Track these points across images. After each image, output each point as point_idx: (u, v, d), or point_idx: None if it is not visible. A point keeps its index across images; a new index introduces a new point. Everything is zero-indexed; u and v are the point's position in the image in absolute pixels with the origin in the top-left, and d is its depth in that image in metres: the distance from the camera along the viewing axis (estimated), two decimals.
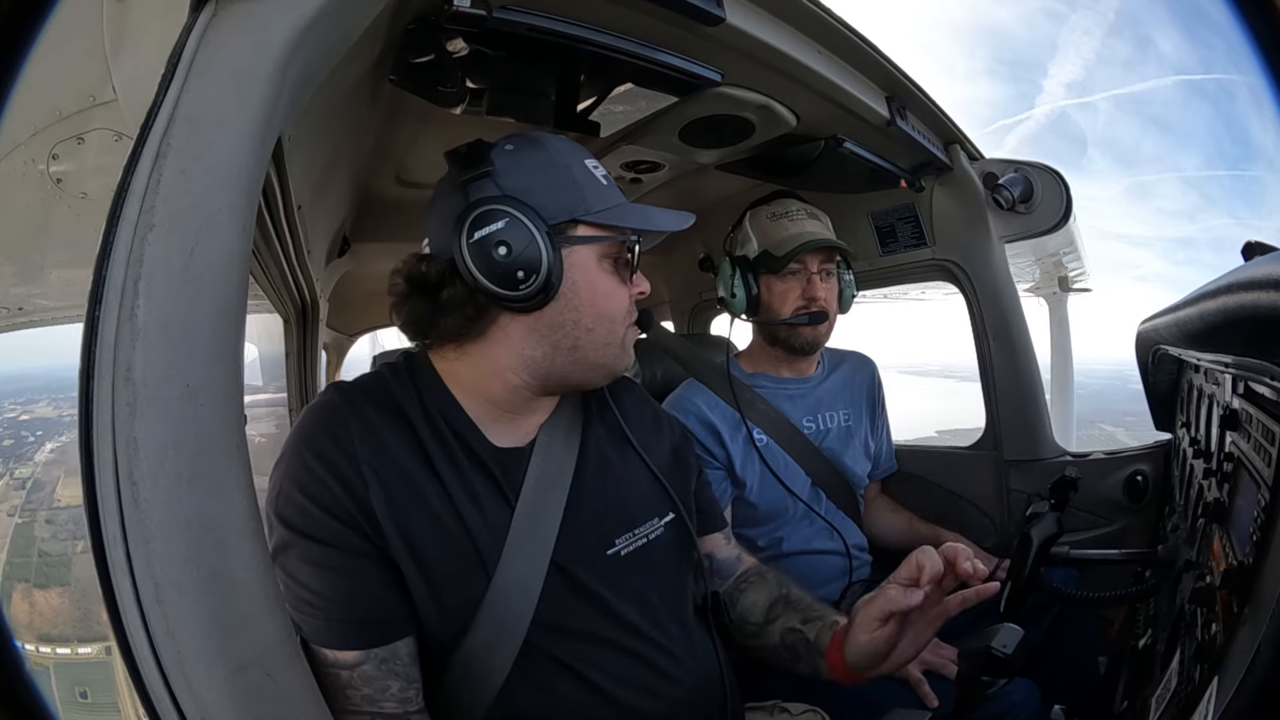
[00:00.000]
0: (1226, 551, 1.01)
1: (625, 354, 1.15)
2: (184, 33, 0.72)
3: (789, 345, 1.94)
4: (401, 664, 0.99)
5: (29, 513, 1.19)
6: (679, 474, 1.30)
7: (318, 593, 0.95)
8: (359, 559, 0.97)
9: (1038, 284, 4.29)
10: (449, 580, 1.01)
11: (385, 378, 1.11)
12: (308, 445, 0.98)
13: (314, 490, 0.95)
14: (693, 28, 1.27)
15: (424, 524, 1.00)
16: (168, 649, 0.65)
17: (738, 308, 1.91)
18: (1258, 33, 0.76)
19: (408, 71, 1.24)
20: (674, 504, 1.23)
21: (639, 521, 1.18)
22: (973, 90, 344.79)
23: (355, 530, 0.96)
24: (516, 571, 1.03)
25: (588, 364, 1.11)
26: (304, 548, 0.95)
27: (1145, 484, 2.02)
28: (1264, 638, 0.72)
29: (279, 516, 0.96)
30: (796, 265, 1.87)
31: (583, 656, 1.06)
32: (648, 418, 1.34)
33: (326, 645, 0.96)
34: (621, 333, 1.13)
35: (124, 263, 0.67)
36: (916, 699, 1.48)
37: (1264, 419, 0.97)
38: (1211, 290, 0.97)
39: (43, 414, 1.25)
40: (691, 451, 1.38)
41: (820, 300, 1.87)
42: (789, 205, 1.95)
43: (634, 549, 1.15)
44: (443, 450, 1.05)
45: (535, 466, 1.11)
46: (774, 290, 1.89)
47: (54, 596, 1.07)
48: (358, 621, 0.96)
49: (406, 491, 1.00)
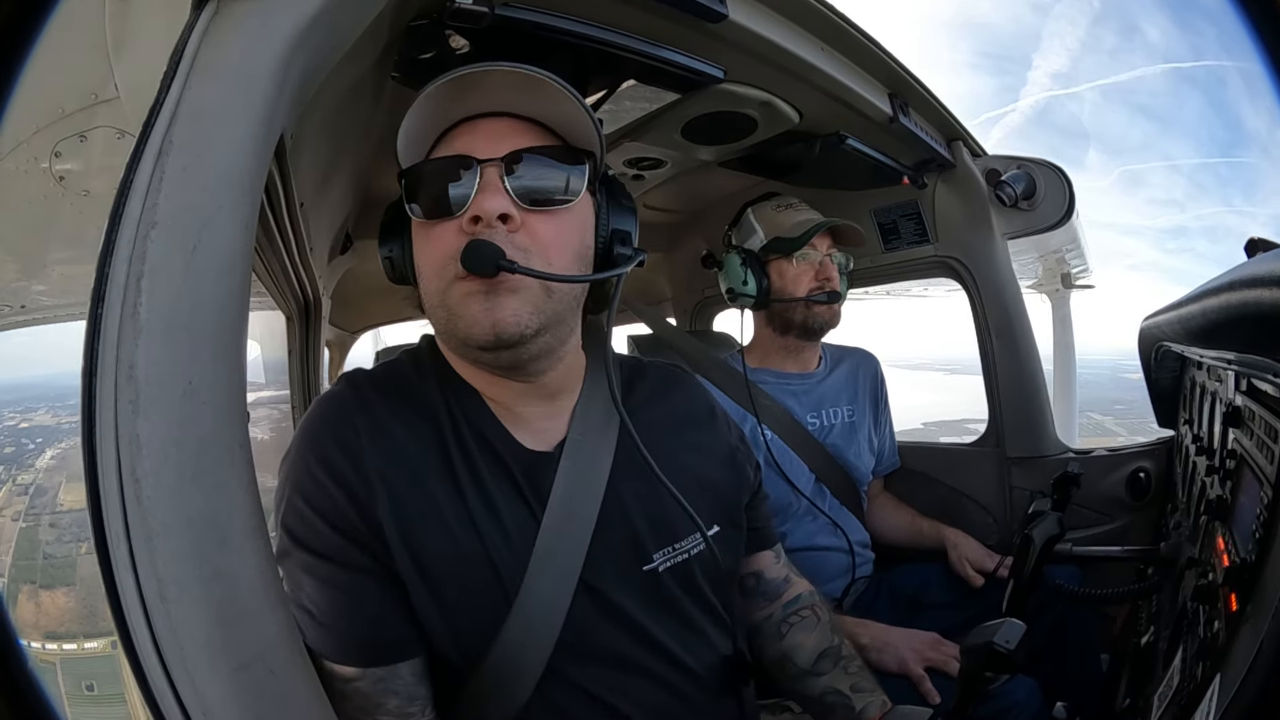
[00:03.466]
0: (1229, 549, 1.01)
1: (454, 314, 0.93)
2: (186, 30, 0.72)
3: (806, 327, 1.95)
4: (402, 683, 0.93)
5: (33, 517, 1.20)
6: (732, 481, 1.18)
7: (318, 605, 0.90)
8: (360, 576, 0.91)
9: (1040, 281, 4.28)
10: (463, 603, 0.93)
11: (406, 366, 1.05)
12: (312, 448, 0.92)
13: (317, 500, 0.90)
14: (696, 25, 1.27)
15: (436, 540, 0.92)
16: (171, 646, 0.65)
17: (749, 298, 1.93)
18: (1251, 14, 0.76)
19: (410, 69, 1.24)
20: (720, 515, 1.11)
21: (682, 535, 1.06)
22: (957, 83, 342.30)
23: (358, 545, 0.90)
24: (540, 594, 0.94)
25: (444, 335, 0.99)
26: (306, 560, 0.90)
27: (1148, 481, 2.02)
28: (1266, 635, 0.72)
29: (283, 524, 0.91)
30: (809, 249, 1.90)
31: (612, 685, 0.97)
32: (701, 415, 1.22)
33: (324, 656, 0.90)
34: (435, 287, 0.94)
35: (126, 260, 0.67)
36: (918, 696, 1.48)
37: (1267, 416, 0.97)
38: (1214, 287, 0.96)
39: (42, 421, 1.26)
40: (750, 459, 1.24)
41: (834, 281, 1.91)
42: (790, 198, 1.99)
43: (674, 564, 1.05)
44: (462, 452, 0.97)
45: (565, 470, 1.00)
46: (786, 275, 1.92)
47: (60, 596, 1.07)
48: (355, 642, 0.91)
49: (418, 501, 0.93)
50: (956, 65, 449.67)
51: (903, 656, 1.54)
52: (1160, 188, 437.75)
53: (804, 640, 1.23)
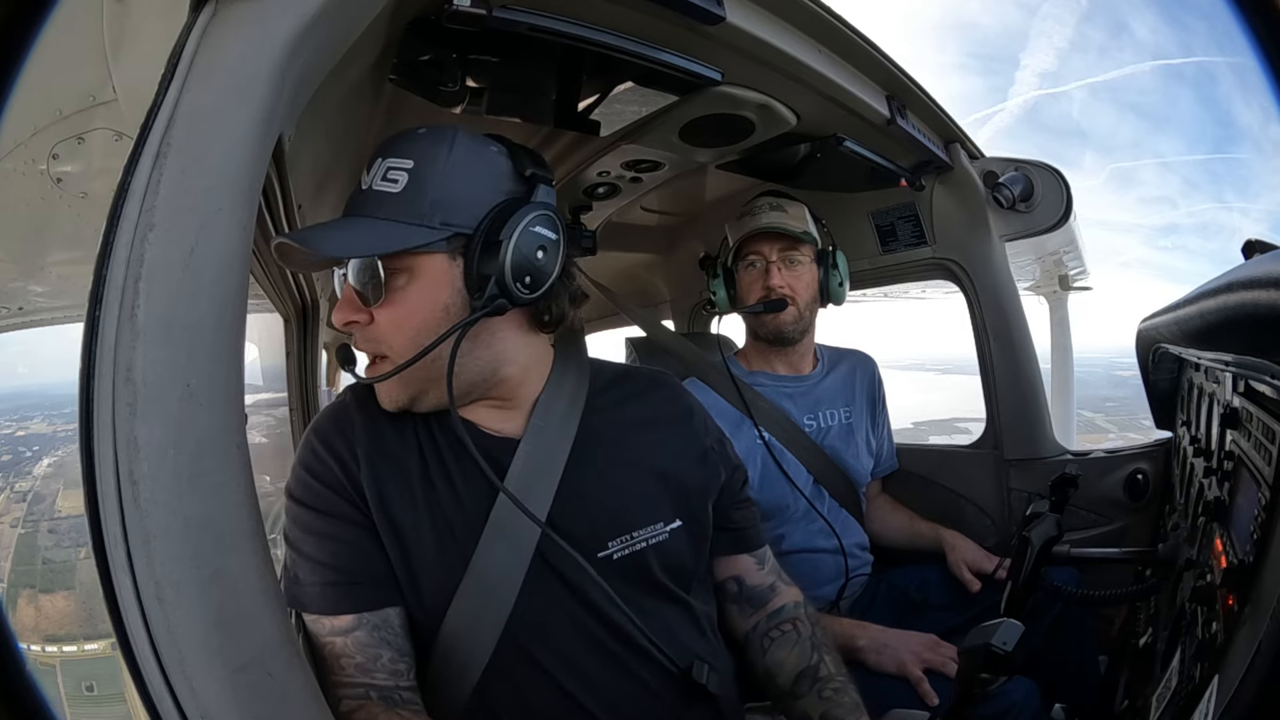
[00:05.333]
0: (1227, 550, 1.01)
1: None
2: (184, 32, 0.72)
3: (759, 335, 2.00)
4: (393, 633, 1.03)
5: (31, 523, 1.20)
6: (701, 479, 1.22)
7: (316, 559, 1.02)
8: (351, 526, 1.04)
9: (1038, 282, 4.29)
10: (426, 558, 1.04)
11: None
12: (316, 435, 1.08)
13: (315, 467, 1.05)
14: (693, 27, 1.27)
15: (403, 504, 1.05)
16: (168, 648, 0.65)
17: (720, 306, 2.01)
18: (1244, 8, 0.76)
19: (408, 71, 1.24)
20: (682, 510, 1.16)
21: (638, 524, 1.13)
22: (944, 85, 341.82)
23: (347, 500, 1.04)
24: (495, 559, 1.04)
25: None
26: (304, 517, 1.04)
27: (1146, 483, 2.02)
28: (1264, 637, 0.72)
29: (287, 493, 1.06)
30: (755, 256, 1.94)
31: (565, 662, 1.05)
32: (677, 415, 1.27)
33: (324, 611, 1.02)
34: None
35: (124, 262, 0.67)
36: (916, 697, 1.48)
37: (1264, 418, 0.97)
38: (1211, 289, 0.97)
39: (38, 430, 1.27)
40: (726, 461, 1.28)
41: (777, 288, 1.91)
42: (759, 202, 1.99)
43: (628, 554, 1.11)
44: (431, 441, 1.10)
45: (524, 454, 1.09)
46: (741, 283, 1.99)
47: (59, 600, 1.08)
48: (350, 584, 1.02)
49: (393, 475, 1.06)
50: (944, 66, 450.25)
51: (901, 658, 1.54)
52: (1151, 185, 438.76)
53: (784, 658, 1.24)
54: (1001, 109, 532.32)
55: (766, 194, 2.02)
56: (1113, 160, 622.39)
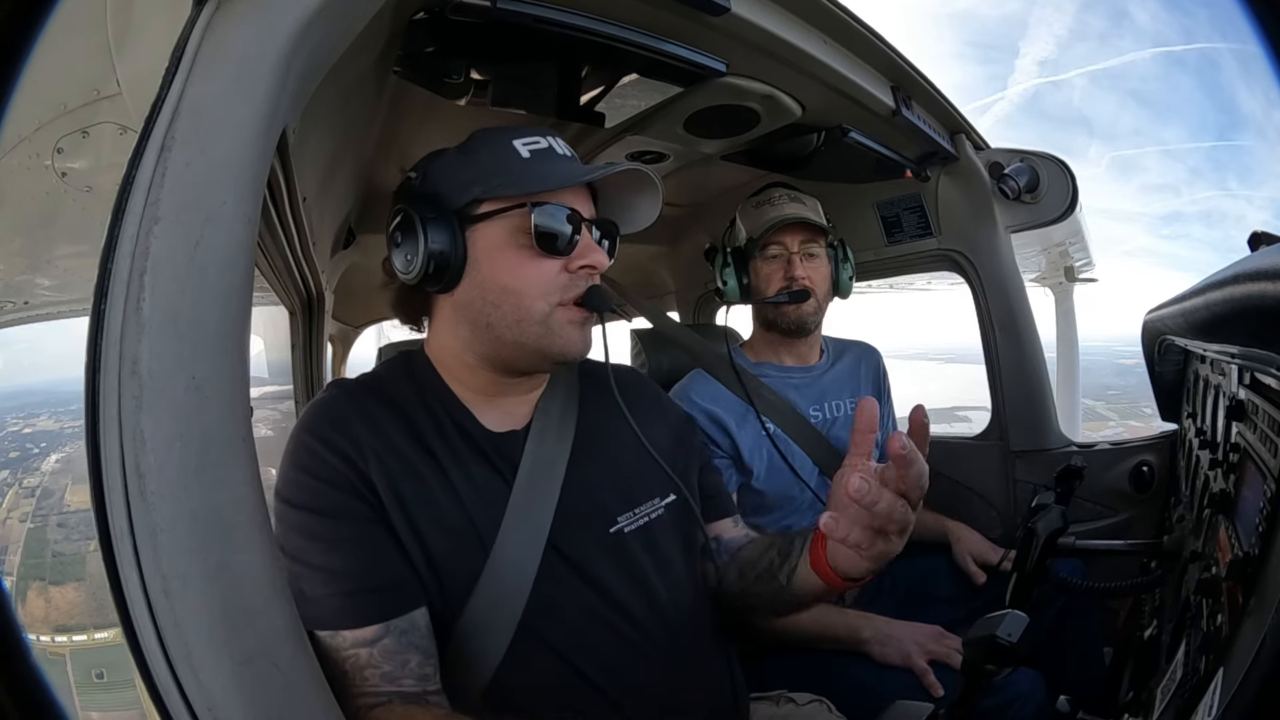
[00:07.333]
0: (1232, 542, 1.00)
1: (553, 333, 1.08)
2: (188, 26, 0.72)
3: (777, 326, 1.98)
4: (420, 636, 1.00)
5: (40, 518, 1.21)
6: (680, 457, 1.29)
7: (329, 569, 0.96)
8: (366, 526, 0.99)
9: (1043, 274, 4.27)
10: (447, 555, 1.02)
11: (381, 375, 1.16)
12: (308, 431, 1.02)
13: (314, 467, 0.99)
14: (698, 18, 1.26)
15: (421, 502, 1.03)
16: (175, 640, 0.65)
17: (730, 295, 1.98)
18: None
19: (413, 63, 1.24)
20: (675, 485, 1.20)
21: (640, 500, 1.19)
22: (944, 74, 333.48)
23: (358, 498, 0.99)
24: (513, 551, 1.05)
25: (508, 342, 1.08)
26: (308, 524, 0.97)
27: (1151, 475, 2.02)
28: (1269, 629, 0.71)
29: (280, 498, 0.99)
30: (777, 247, 1.93)
31: (576, 642, 1.06)
32: (648, 400, 1.34)
33: (345, 625, 0.96)
34: (540, 309, 1.06)
35: (129, 256, 0.67)
36: (922, 689, 1.48)
37: (1270, 410, 0.97)
38: (1218, 281, 0.96)
39: (45, 427, 1.27)
40: (694, 436, 1.38)
41: (801, 279, 1.90)
42: (773, 192, 1.99)
43: (637, 527, 1.16)
44: (440, 436, 1.09)
45: (530, 452, 1.12)
46: (760, 273, 1.96)
47: (69, 591, 1.08)
48: (373, 590, 0.97)
49: (404, 472, 1.03)
50: (942, 55, 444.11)
51: (906, 649, 1.54)
52: (1154, 173, 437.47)
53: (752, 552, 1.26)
54: (1001, 97, 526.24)
55: (777, 185, 2.01)
56: (1114, 148, 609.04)
